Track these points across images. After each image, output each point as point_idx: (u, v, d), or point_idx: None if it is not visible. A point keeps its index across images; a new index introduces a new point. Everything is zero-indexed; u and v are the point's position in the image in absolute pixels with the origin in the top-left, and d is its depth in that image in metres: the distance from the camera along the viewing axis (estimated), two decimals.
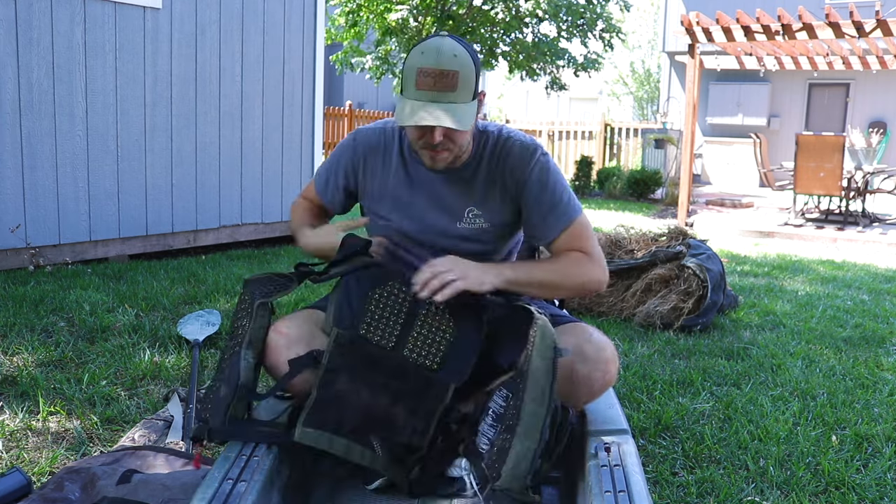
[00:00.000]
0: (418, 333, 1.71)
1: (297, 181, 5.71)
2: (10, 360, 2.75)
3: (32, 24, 4.09)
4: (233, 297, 3.82)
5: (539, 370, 1.54)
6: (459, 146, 1.76)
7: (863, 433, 2.39)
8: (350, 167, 1.97)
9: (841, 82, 14.35)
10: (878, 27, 6.94)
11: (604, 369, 1.73)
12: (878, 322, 3.91)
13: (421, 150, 1.77)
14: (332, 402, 1.66)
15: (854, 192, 8.27)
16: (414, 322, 1.72)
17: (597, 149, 13.49)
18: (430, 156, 1.76)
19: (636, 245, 3.99)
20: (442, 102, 1.65)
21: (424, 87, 1.66)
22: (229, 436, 1.65)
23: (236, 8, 5.08)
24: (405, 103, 1.69)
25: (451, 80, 1.65)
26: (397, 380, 1.68)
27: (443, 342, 1.71)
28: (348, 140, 1.99)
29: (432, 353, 1.70)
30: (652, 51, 25.18)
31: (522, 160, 1.84)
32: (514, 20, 11.27)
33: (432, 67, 1.65)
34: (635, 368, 2.96)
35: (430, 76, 1.65)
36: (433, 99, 1.65)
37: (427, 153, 1.76)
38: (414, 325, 1.72)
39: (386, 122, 1.96)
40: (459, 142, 1.75)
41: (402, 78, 1.75)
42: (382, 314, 1.73)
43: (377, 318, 1.73)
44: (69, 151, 4.33)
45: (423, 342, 1.71)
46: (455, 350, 1.70)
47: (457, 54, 1.66)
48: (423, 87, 1.66)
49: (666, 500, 1.95)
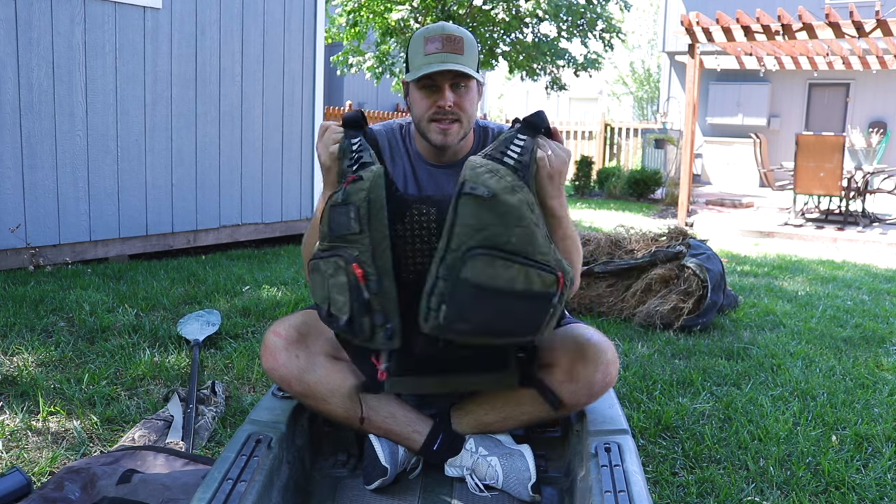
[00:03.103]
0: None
1: (297, 181, 5.71)
2: (10, 360, 2.75)
3: (32, 24, 4.09)
4: (233, 297, 3.82)
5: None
6: (468, 116, 1.79)
7: (863, 433, 2.39)
8: None
9: (841, 82, 14.34)
10: (878, 27, 6.94)
11: (604, 371, 1.73)
12: (878, 322, 3.91)
13: (430, 123, 1.77)
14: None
15: (854, 192, 8.26)
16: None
17: (597, 149, 13.49)
18: (441, 129, 1.77)
19: (636, 245, 3.99)
20: (451, 62, 1.71)
21: (433, 51, 1.72)
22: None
23: (236, 8, 5.08)
24: (415, 69, 1.73)
25: (458, 43, 1.72)
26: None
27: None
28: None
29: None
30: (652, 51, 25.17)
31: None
32: (514, 20, 11.27)
33: (439, 34, 1.72)
34: (635, 368, 2.96)
35: (438, 41, 1.71)
36: (443, 59, 1.71)
37: (437, 127, 1.77)
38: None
39: (384, 124, 1.96)
40: (468, 110, 1.78)
41: (407, 57, 1.79)
42: (415, 242, 1.64)
43: (411, 247, 1.64)
44: (69, 151, 4.33)
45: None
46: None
47: (459, 28, 1.75)
48: (431, 51, 1.72)
49: (666, 500, 1.95)
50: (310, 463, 1.86)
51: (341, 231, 1.55)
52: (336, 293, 1.57)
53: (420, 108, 1.78)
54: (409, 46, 1.77)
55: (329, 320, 1.63)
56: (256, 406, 1.83)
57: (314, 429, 1.91)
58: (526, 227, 1.49)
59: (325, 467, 1.87)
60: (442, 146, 1.80)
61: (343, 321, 1.57)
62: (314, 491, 1.77)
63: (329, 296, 1.59)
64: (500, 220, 1.48)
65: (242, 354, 2.91)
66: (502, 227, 1.48)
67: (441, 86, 1.73)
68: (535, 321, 1.56)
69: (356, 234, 1.54)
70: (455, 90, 1.74)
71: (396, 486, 1.75)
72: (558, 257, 1.56)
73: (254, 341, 3.10)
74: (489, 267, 1.47)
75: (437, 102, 1.74)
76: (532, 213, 1.51)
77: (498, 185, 1.50)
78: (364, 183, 1.56)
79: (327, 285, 1.58)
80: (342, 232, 1.55)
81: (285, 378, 1.75)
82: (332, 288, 1.57)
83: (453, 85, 1.73)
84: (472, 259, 1.48)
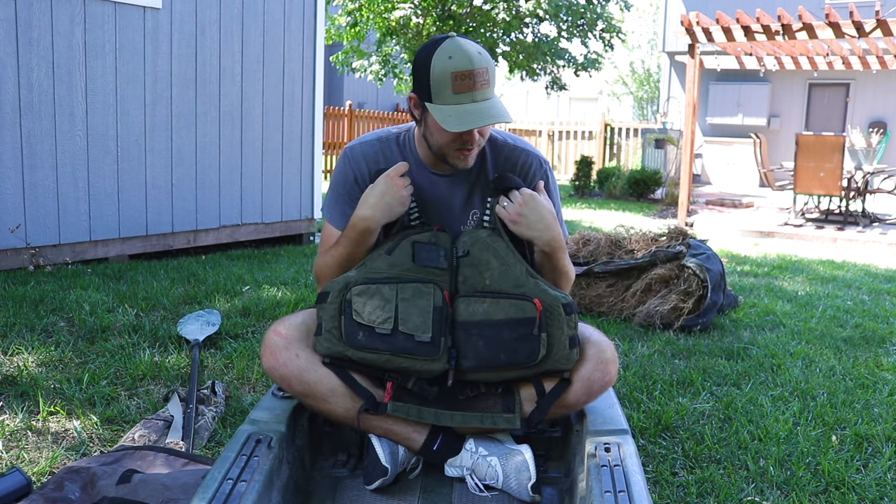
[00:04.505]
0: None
1: (297, 181, 5.71)
2: (10, 360, 2.75)
3: (32, 24, 4.09)
4: (233, 297, 3.82)
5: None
6: (486, 138, 1.81)
7: (863, 433, 2.39)
8: (356, 186, 1.90)
9: (841, 82, 14.34)
10: (878, 27, 6.94)
11: (604, 370, 1.73)
12: (878, 322, 3.91)
13: (453, 151, 1.78)
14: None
15: (854, 192, 8.27)
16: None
17: (597, 149, 13.50)
18: (463, 155, 1.78)
19: (636, 245, 3.99)
20: (482, 101, 1.69)
21: (464, 90, 1.67)
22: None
23: (236, 8, 5.09)
24: (446, 110, 1.68)
25: (486, 76, 1.70)
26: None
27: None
28: (345, 162, 1.93)
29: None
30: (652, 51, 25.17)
31: (528, 168, 1.91)
32: (514, 20, 11.27)
33: (467, 69, 1.66)
34: (635, 368, 2.96)
35: (468, 77, 1.66)
36: (475, 99, 1.68)
37: (459, 153, 1.78)
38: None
39: (379, 134, 1.95)
40: (486, 134, 1.80)
41: (427, 81, 1.70)
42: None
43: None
44: (69, 151, 4.33)
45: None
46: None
47: (480, 51, 1.70)
48: (461, 89, 1.67)
49: (666, 500, 1.95)
50: (310, 463, 1.86)
51: (428, 263, 1.77)
52: (413, 314, 1.72)
53: (443, 138, 1.76)
54: (432, 71, 1.68)
55: (387, 339, 1.72)
56: (256, 406, 1.83)
57: (314, 429, 1.91)
58: (495, 268, 1.76)
59: (325, 467, 1.87)
60: (462, 168, 1.84)
61: (424, 337, 1.71)
62: (314, 491, 1.77)
63: (399, 316, 1.71)
64: (475, 269, 1.78)
65: (242, 354, 2.91)
66: (477, 273, 1.77)
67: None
68: (528, 348, 1.71)
69: (443, 269, 1.77)
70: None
71: (396, 486, 1.76)
72: (543, 288, 1.75)
73: (254, 341, 3.10)
74: (468, 306, 1.74)
75: (462, 137, 1.74)
76: (497, 259, 1.77)
77: (471, 242, 1.79)
78: (447, 236, 1.81)
79: (395, 307, 1.72)
80: (429, 264, 1.77)
81: (285, 377, 1.75)
82: (410, 309, 1.72)
83: None
84: (456, 304, 1.75)
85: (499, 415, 1.73)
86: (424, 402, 1.75)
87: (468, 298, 1.74)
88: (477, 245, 1.79)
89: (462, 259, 1.78)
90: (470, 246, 1.79)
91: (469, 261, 1.78)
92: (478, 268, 1.77)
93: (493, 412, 1.74)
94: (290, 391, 1.78)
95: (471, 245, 1.79)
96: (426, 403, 1.75)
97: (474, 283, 1.76)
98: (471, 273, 1.77)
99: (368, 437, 1.76)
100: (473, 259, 1.78)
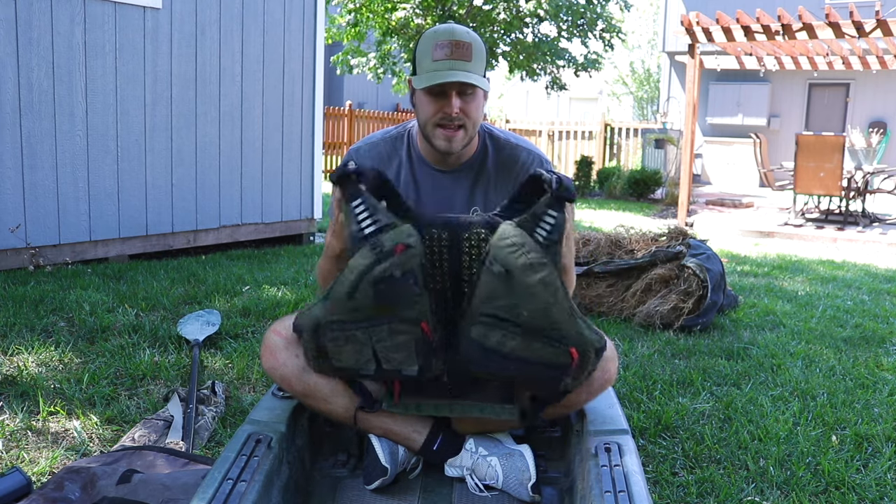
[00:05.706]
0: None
1: (297, 181, 5.71)
2: (10, 360, 2.75)
3: (32, 24, 4.09)
4: (233, 297, 3.82)
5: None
6: (473, 122, 1.80)
7: (863, 433, 2.39)
8: None
9: (841, 82, 14.34)
10: (878, 27, 6.94)
11: (603, 368, 1.73)
12: (878, 322, 3.91)
13: (436, 129, 1.78)
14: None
15: (854, 192, 8.26)
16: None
17: (597, 149, 13.48)
18: (446, 136, 1.78)
19: (636, 245, 3.99)
20: (459, 70, 1.71)
21: (441, 57, 1.71)
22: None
23: (236, 8, 5.08)
24: (423, 74, 1.74)
25: (467, 50, 1.72)
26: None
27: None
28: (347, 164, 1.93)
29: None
30: (652, 51, 25.16)
31: (529, 167, 1.90)
32: (514, 20, 11.28)
33: (448, 39, 1.71)
34: (635, 368, 2.96)
35: (447, 46, 1.71)
36: (451, 67, 1.71)
37: (442, 133, 1.78)
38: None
39: (382, 135, 1.96)
40: (474, 117, 1.79)
41: (414, 57, 1.80)
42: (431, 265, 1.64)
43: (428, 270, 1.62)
44: (69, 151, 4.33)
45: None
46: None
47: (468, 31, 1.75)
48: (440, 57, 1.71)
49: (666, 500, 1.95)
50: (310, 463, 1.86)
51: (405, 302, 1.55)
52: (393, 353, 1.59)
53: (426, 113, 1.78)
54: (417, 47, 1.78)
55: (378, 373, 1.63)
56: (256, 406, 1.83)
57: (314, 429, 1.91)
58: (540, 304, 1.51)
59: (325, 467, 1.87)
60: (447, 152, 1.82)
61: (411, 371, 1.61)
62: (314, 491, 1.77)
63: (379, 356, 1.60)
64: (513, 295, 1.52)
65: (242, 354, 2.91)
66: (514, 301, 1.52)
67: (448, 93, 1.73)
68: (551, 386, 1.62)
69: (418, 296, 1.56)
70: (461, 97, 1.74)
71: (396, 486, 1.76)
72: (580, 330, 1.56)
73: (254, 341, 3.10)
74: (493, 334, 1.55)
75: (443, 108, 1.75)
76: (547, 291, 1.51)
77: (516, 262, 1.51)
78: (414, 250, 1.55)
79: (372, 350, 1.60)
80: (406, 302, 1.55)
81: (285, 377, 1.75)
82: (388, 350, 1.59)
83: (460, 92, 1.74)
84: (478, 324, 1.56)
85: (499, 405, 1.73)
86: (422, 395, 1.75)
87: (495, 328, 1.54)
88: (525, 270, 1.50)
89: (494, 275, 1.52)
90: (514, 265, 1.50)
91: (505, 281, 1.51)
92: (514, 291, 1.51)
93: (493, 403, 1.74)
94: (290, 391, 1.78)
95: (515, 265, 1.50)
96: (424, 396, 1.75)
97: (500, 304, 1.52)
98: (498, 290, 1.52)
99: (368, 436, 1.76)
100: (512, 283, 1.51)
